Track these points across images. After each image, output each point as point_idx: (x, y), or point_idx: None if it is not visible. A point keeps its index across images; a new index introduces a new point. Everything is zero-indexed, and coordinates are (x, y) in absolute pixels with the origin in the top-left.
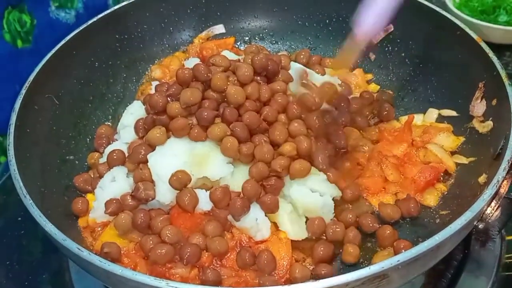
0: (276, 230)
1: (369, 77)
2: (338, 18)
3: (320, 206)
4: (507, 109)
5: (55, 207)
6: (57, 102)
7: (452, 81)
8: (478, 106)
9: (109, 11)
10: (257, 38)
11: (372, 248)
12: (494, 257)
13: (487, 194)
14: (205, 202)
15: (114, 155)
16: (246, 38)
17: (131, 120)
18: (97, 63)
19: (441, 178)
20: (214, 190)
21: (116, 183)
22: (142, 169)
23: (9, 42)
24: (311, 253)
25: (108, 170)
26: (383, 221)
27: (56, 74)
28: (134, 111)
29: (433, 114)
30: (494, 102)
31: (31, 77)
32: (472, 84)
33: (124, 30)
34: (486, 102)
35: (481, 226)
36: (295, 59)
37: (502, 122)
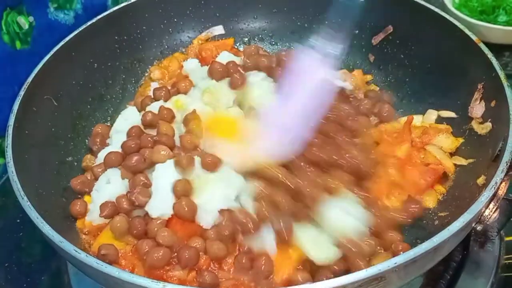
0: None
1: (368, 78)
2: (337, 19)
3: (355, 229)
4: (506, 110)
5: (53, 209)
6: (55, 103)
7: (451, 82)
8: (477, 108)
9: (108, 12)
10: (256, 39)
11: None
12: (493, 258)
13: (485, 196)
14: (206, 220)
15: (112, 157)
16: (246, 39)
17: (125, 125)
18: (96, 65)
19: (440, 180)
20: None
21: (111, 185)
22: (142, 176)
23: (7, 43)
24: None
25: (102, 172)
26: None
27: (54, 76)
28: (128, 117)
29: (432, 115)
30: (493, 104)
31: (30, 78)
32: (471, 85)
33: (123, 31)
34: (485, 103)
35: (479, 228)
36: None
37: (501, 123)
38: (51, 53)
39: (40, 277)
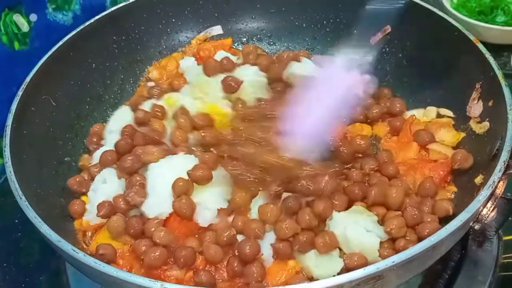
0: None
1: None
2: (336, 19)
3: (373, 245)
4: (504, 110)
5: (52, 209)
6: (54, 103)
7: (449, 82)
8: (475, 107)
9: (106, 13)
10: (254, 39)
11: None
12: (491, 257)
13: (483, 195)
14: (204, 218)
15: (108, 157)
16: (244, 39)
17: (118, 125)
18: (94, 65)
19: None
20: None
21: (107, 185)
22: (138, 177)
23: (6, 44)
24: None
25: (99, 172)
26: None
27: (53, 76)
28: (121, 117)
29: (432, 112)
30: (490, 103)
31: (28, 78)
32: (469, 85)
33: (121, 31)
34: (483, 103)
35: (477, 227)
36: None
37: (499, 123)
38: (49, 53)
39: (38, 277)
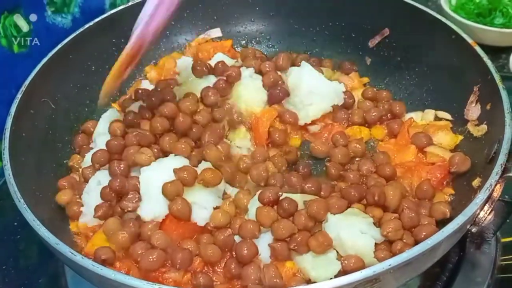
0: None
1: (365, 80)
2: (334, 22)
3: (368, 247)
4: (501, 113)
5: (50, 211)
6: (53, 106)
7: (447, 84)
8: (473, 110)
9: (105, 15)
10: (253, 42)
11: None
12: (489, 259)
13: (480, 198)
14: (201, 217)
15: (100, 157)
16: (243, 42)
17: (107, 128)
18: (93, 67)
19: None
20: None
21: (102, 187)
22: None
23: (5, 46)
24: None
25: (92, 174)
26: None
27: (52, 78)
28: (109, 119)
29: (430, 115)
30: (488, 106)
31: (27, 81)
32: (467, 87)
33: (120, 34)
34: (480, 106)
35: (474, 229)
36: (293, 63)
37: (496, 126)
38: (49, 56)
39: (37, 279)
